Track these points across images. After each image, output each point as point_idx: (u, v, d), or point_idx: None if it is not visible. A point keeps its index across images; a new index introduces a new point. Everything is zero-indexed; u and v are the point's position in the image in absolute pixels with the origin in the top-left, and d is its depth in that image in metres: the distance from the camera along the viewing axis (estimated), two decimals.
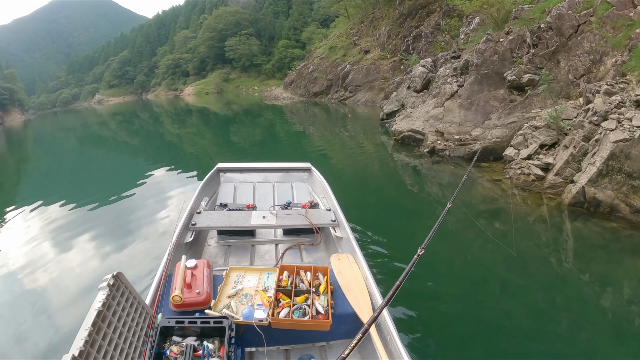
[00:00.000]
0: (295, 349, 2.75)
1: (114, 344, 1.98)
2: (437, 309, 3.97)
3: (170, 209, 7.32)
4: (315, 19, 62.19)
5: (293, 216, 3.88)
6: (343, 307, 2.65)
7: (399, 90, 14.57)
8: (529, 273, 4.64)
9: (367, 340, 2.46)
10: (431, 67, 13.40)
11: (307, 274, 2.87)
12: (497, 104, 9.84)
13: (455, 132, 9.87)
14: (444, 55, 13.54)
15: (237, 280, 2.85)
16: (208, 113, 34.95)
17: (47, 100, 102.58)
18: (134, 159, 15.53)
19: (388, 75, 26.21)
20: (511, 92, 9.87)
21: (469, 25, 14.20)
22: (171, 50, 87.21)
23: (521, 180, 7.42)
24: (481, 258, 5.15)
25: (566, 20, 9.59)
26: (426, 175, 9.05)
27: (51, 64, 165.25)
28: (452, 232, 5.74)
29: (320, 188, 4.99)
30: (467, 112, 10.03)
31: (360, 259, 3.14)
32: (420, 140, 10.52)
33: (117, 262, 5.29)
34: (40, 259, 5.57)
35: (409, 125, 10.71)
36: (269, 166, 5.64)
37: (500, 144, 8.93)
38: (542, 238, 5.63)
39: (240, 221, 3.81)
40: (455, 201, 3.53)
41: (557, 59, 9.57)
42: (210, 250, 3.99)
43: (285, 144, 15.44)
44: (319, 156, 11.44)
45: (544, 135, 7.95)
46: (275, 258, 3.88)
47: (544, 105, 9.17)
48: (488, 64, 10.43)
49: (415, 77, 13.39)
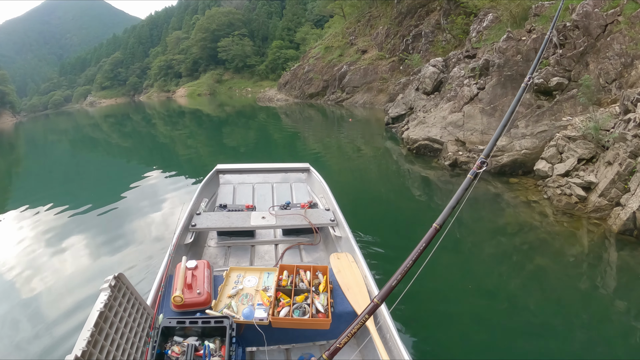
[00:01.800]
0: (295, 348, 2.74)
1: (116, 344, 1.97)
2: (438, 309, 3.90)
3: (169, 210, 7.20)
4: (310, 19, 61.07)
5: (292, 216, 3.87)
6: (343, 305, 2.63)
7: (405, 92, 13.32)
8: (568, 311, 3.99)
9: (368, 342, 2.45)
10: (442, 67, 12.18)
11: (306, 274, 2.86)
12: (523, 109, 8.68)
13: (478, 142, 8.68)
14: (456, 55, 12.33)
15: (238, 281, 2.85)
16: (201, 115, 33.83)
17: (39, 103, 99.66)
18: (128, 162, 15.17)
19: (387, 76, 25.05)
20: (538, 96, 8.72)
21: (481, 22, 13.01)
22: (163, 52, 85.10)
23: (563, 203, 6.25)
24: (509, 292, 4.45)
25: (593, 18, 8.48)
26: (444, 189, 7.86)
27: (43, 66, 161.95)
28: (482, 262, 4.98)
29: (319, 188, 4.96)
30: (490, 119, 8.85)
31: (360, 258, 3.12)
32: (437, 151, 9.28)
33: (118, 264, 5.25)
34: (39, 262, 5.51)
35: (424, 132, 9.47)
36: (268, 167, 5.63)
37: (530, 156, 7.78)
38: (586, 273, 4.73)
39: (239, 222, 3.79)
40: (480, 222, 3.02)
41: (585, 61, 8.46)
42: (210, 251, 3.97)
43: (280, 151, 14.13)
44: (319, 167, 10.03)
45: (581, 148, 6.85)
46: (275, 258, 3.85)
47: (574, 112, 8.05)
48: (511, 65, 9.27)
49: (425, 78, 12.17)
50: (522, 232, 5.89)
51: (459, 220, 6.52)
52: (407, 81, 14.25)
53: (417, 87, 12.64)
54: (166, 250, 3.13)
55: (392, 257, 4.63)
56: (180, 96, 66.58)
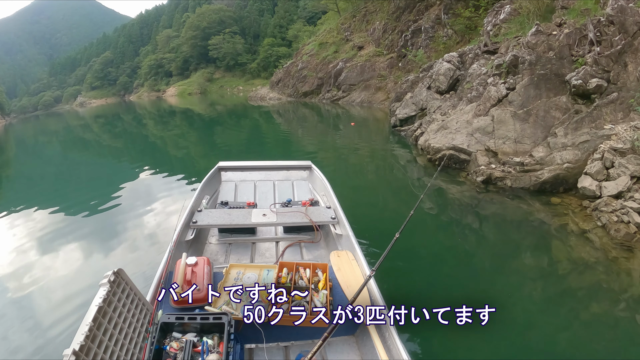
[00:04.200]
0: (294, 346, 2.65)
1: (114, 339, 1.95)
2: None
3: (169, 209, 7.01)
4: (302, 16, 59.26)
5: (293, 214, 3.77)
6: (342, 303, 2.50)
7: (415, 91, 11.78)
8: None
9: (366, 339, 2.45)
10: (458, 63, 10.72)
11: (306, 271, 2.81)
12: (560, 114, 7.28)
13: (511, 152, 7.23)
14: (473, 50, 10.82)
15: (237, 277, 2.83)
16: (192, 114, 32.26)
17: (28, 104, 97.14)
18: (119, 162, 14.82)
19: (385, 73, 23.53)
20: (575, 100, 7.33)
21: (497, 14, 11.56)
22: (154, 50, 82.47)
23: (622, 233, 4.86)
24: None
25: (629, 14, 7.24)
26: (474, 211, 6.41)
27: (33, 66, 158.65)
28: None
29: (321, 186, 4.83)
30: (524, 125, 7.42)
31: (360, 256, 3.03)
32: (464, 162, 7.71)
33: (117, 260, 5.19)
34: (41, 260, 5.42)
35: (448, 140, 7.94)
36: (270, 164, 5.48)
37: (572, 170, 6.37)
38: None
39: (240, 219, 3.68)
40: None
41: (624, 62, 7.11)
42: (211, 248, 3.89)
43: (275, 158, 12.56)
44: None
45: (632, 163, 5.61)
46: (275, 255, 3.73)
47: (614, 118, 6.77)
48: (544, 63, 7.84)
49: (439, 76, 10.64)
50: (576, 272, 4.51)
51: (500, 255, 5.16)
52: (415, 78, 12.73)
53: (428, 86, 11.10)
54: (166, 247, 3.06)
55: (393, 257, 3.82)
56: (171, 95, 64.52)
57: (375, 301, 2.56)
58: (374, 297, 2.58)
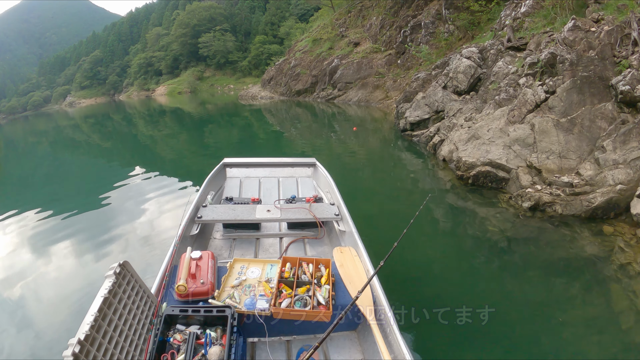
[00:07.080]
0: (296, 340, 2.60)
1: (119, 330, 1.92)
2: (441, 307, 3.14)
3: (172, 206, 7.02)
4: (294, 13, 57.43)
5: (297, 210, 3.72)
6: (344, 298, 2.51)
7: (428, 91, 10.34)
8: None
9: (367, 335, 2.42)
10: (479, 59, 9.36)
11: (309, 266, 2.76)
12: (606, 125, 5.94)
13: (556, 169, 5.87)
14: (494, 45, 9.45)
15: (241, 272, 2.76)
16: (182, 114, 30.77)
17: (17, 104, 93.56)
18: (111, 162, 14.38)
19: (383, 71, 22.06)
20: (620, 108, 6.03)
21: (517, 7, 10.22)
22: (143, 49, 79.63)
23: None
24: None
25: None
26: (523, 244, 5.09)
27: (22, 66, 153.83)
28: None
29: (325, 183, 4.69)
30: (568, 137, 6.07)
31: (363, 252, 2.96)
32: (502, 181, 6.30)
33: (123, 253, 5.24)
34: (43, 256, 5.46)
35: (482, 153, 6.52)
36: (275, 161, 5.41)
37: (624, 193, 5.06)
38: None
39: (245, 214, 3.64)
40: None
41: None
42: (215, 243, 3.82)
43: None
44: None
45: None
46: (279, 251, 3.67)
47: None
48: (586, 63, 6.51)
49: (458, 74, 9.19)
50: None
51: (544, 304, 3.87)
52: (427, 76, 11.31)
53: (444, 85, 9.68)
54: (171, 242, 3.00)
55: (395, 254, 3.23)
56: (160, 94, 62.36)
57: (377, 298, 2.48)
58: (377, 294, 2.50)
